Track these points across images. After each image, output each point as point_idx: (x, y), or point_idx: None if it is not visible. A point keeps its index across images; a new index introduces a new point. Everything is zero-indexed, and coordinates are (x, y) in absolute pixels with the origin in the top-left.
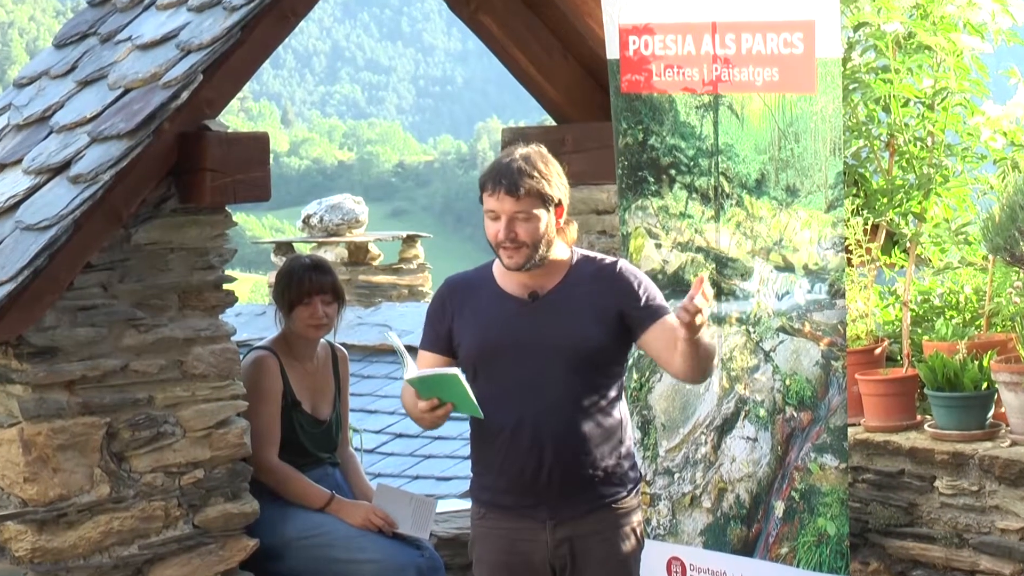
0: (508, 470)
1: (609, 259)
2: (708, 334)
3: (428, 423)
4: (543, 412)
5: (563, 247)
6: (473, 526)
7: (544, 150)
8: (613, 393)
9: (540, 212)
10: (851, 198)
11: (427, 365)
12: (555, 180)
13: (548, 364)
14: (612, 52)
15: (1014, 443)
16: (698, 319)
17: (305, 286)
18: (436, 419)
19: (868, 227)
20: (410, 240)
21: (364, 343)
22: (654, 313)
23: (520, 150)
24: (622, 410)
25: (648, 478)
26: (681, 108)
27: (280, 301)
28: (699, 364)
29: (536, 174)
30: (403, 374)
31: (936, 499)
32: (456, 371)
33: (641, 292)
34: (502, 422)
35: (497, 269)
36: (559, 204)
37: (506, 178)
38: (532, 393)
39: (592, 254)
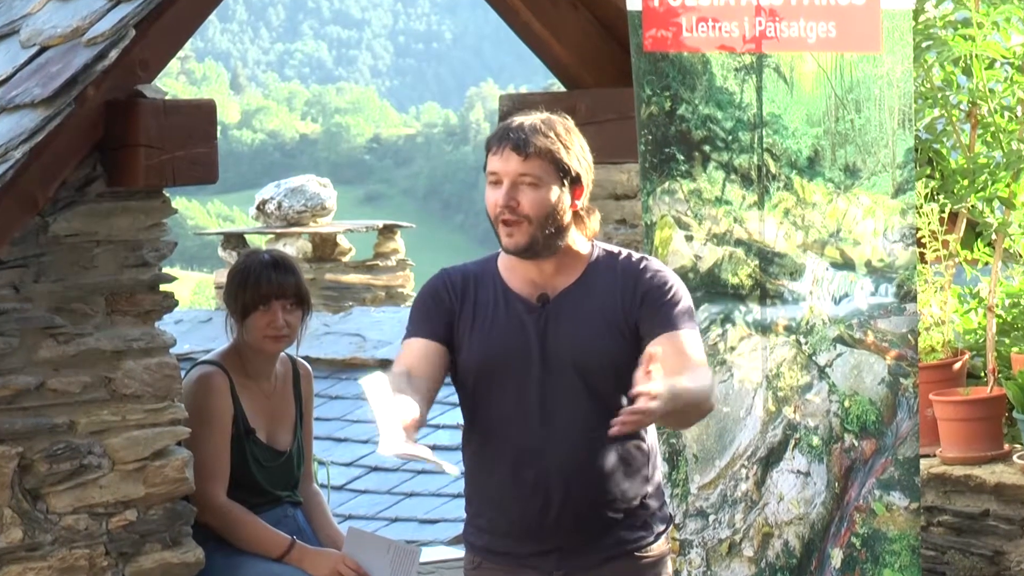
0: (509, 511)
1: (634, 255)
2: (692, 377)
3: None
4: (552, 440)
5: (582, 240)
6: None
7: (571, 121)
8: None
9: (551, 183)
10: (924, 180)
11: (419, 353)
12: (576, 151)
13: (559, 382)
14: (633, 2)
15: None
16: (652, 405)
17: (263, 288)
18: None
19: (945, 215)
20: (388, 231)
21: (332, 356)
22: (668, 321)
23: (541, 113)
24: (649, 437)
25: (677, 521)
26: (717, 71)
27: (232, 306)
28: (682, 422)
29: (553, 135)
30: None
31: None
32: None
33: (665, 295)
34: (502, 452)
35: (503, 261)
36: (577, 180)
37: (515, 132)
38: (539, 417)
39: (615, 249)
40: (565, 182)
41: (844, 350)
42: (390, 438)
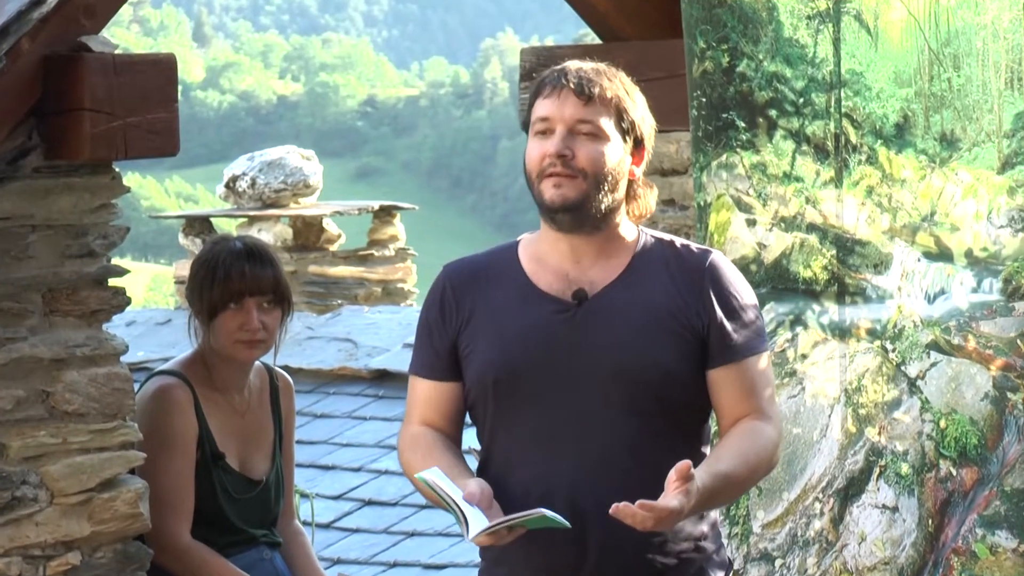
0: (535, 556)
1: (696, 247)
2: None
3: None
4: (587, 470)
5: (628, 223)
6: None
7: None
8: (693, 442)
9: (614, 135)
10: None
11: (427, 397)
12: (641, 107)
13: (597, 398)
14: None
15: None
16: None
17: (234, 283)
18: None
19: None
20: (384, 214)
21: (317, 366)
22: (737, 347)
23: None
24: None
25: (737, 566)
26: (786, 19)
27: (196, 304)
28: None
29: (618, 83)
30: (463, 530)
31: None
32: (542, 512)
33: (737, 310)
34: (526, 484)
35: (527, 250)
36: (640, 143)
37: (575, 75)
38: (572, 441)
39: (666, 236)
40: (628, 140)
41: (940, 359)
42: (475, 522)
